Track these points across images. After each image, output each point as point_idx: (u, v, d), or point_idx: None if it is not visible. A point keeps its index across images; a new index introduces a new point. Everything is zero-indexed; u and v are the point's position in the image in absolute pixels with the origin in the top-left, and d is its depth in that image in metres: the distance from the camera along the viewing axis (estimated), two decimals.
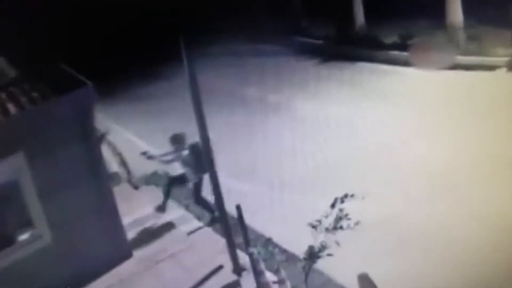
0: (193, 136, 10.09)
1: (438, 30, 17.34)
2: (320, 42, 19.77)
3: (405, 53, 17.16)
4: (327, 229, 8.65)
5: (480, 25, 17.12)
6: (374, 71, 16.83)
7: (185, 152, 10.75)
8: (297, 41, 20.43)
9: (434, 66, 15.78)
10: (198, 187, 10.93)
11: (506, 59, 15.40)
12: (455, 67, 15.79)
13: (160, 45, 17.64)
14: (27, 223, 9.51)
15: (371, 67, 17.14)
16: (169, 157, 10.99)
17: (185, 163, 10.80)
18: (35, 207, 9.42)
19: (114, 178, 12.36)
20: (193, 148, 10.63)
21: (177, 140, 10.87)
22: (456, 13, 16.97)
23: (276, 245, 9.61)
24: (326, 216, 8.70)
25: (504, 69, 15.25)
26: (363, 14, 19.40)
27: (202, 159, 9.86)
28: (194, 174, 10.81)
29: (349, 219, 8.60)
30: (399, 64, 16.83)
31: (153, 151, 11.69)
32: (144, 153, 11.17)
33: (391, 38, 18.26)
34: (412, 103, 14.12)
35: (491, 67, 15.38)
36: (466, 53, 16.25)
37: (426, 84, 15.27)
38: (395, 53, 17.42)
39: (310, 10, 20.82)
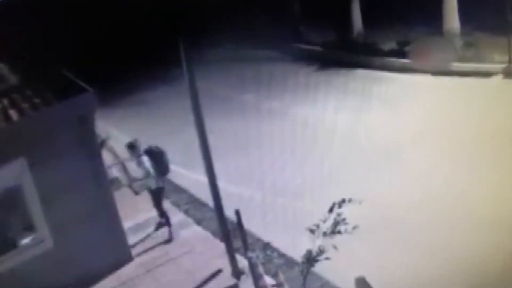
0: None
1: (435, 37, 17.54)
2: (318, 48, 19.94)
3: (402, 60, 17.37)
4: (325, 234, 8.72)
5: (476, 32, 17.27)
6: (372, 77, 16.98)
7: (144, 158, 10.79)
8: (296, 48, 20.60)
9: (434, 68, 16.01)
10: (159, 193, 11.03)
11: (502, 65, 15.62)
12: (452, 73, 15.98)
13: (160, 51, 17.76)
14: (29, 228, 9.62)
15: (369, 73, 17.30)
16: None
17: (144, 168, 10.81)
18: (37, 212, 9.53)
19: (114, 183, 12.47)
20: (149, 153, 10.77)
21: (131, 147, 10.89)
22: (453, 20, 17.14)
23: (274, 249, 9.69)
24: (324, 221, 8.79)
25: (500, 76, 15.45)
26: (361, 21, 19.60)
27: (160, 162, 10.01)
28: (155, 179, 10.85)
29: (346, 223, 8.60)
30: (396, 70, 17.01)
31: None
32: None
33: (388, 45, 18.44)
34: (410, 109, 14.27)
35: (487, 74, 15.56)
36: (462, 59, 16.44)
37: (424, 91, 15.43)
38: (393, 59, 17.59)
39: (308, 16, 20.98)
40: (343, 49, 19.04)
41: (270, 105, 16.14)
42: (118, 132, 15.84)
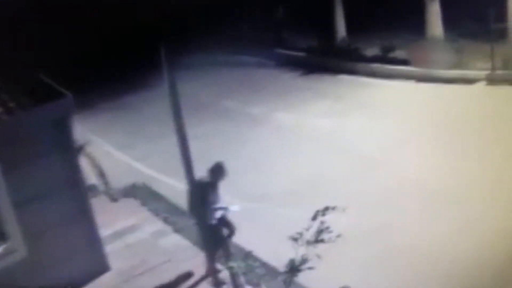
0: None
1: (419, 43, 17.56)
2: (301, 54, 19.84)
3: (386, 66, 17.34)
4: (308, 242, 8.59)
5: (460, 38, 17.31)
6: (356, 83, 16.96)
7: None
8: (279, 53, 20.48)
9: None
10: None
11: (486, 72, 15.67)
12: (436, 80, 15.99)
13: (140, 55, 17.58)
14: (1, 236, 9.30)
15: (352, 79, 17.27)
16: None
17: None
18: (10, 220, 9.22)
19: (92, 190, 12.19)
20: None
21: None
22: (436, 26, 17.16)
23: (256, 259, 9.49)
24: (307, 229, 8.69)
25: (483, 83, 15.49)
26: (344, 27, 19.54)
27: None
28: None
29: (330, 231, 8.31)
30: (380, 76, 16.99)
31: None
32: None
33: (372, 51, 18.43)
34: (394, 115, 14.21)
35: (471, 80, 15.60)
36: (445, 66, 16.44)
37: (408, 97, 15.40)
38: (377, 65, 17.57)
39: (292, 22, 20.91)
40: (326, 55, 18.97)
41: (253, 110, 15.98)
42: (97, 137, 15.59)
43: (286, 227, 8.80)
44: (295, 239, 8.55)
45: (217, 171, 8.96)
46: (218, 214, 9.01)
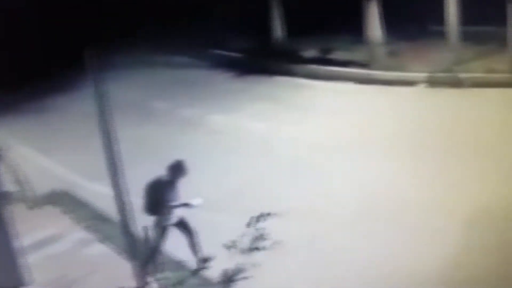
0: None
1: (358, 46, 17.75)
2: (238, 55, 19.71)
3: (325, 67, 17.43)
4: (243, 250, 8.46)
5: (399, 41, 17.61)
6: (294, 85, 16.96)
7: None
8: (214, 54, 20.28)
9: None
10: None
11: (426, 75, 15.95)
12: (375, 81, 16.17)
13: (63, 55, 17.07)
14: None
15: (290, 81, 17.25)
16: None
17: None
18: None
19: (8, 196, 11.62)
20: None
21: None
22: (375, 28, 17.37)
23: (188, 269, 9.26)
24: (242, 236, 8.49)
25: (423, 85, 15.77)
26: (283, 28, 19.54)
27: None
28: None
29: (266, 239, 8.43)
30: (319, 78, 17.04)
31: None
32: None
33: (311, 52, 18.48)
34: (333, 118, 14.24)
35: (410, 83, 15.84)
36: (385, 68, 16.68)
37: (347, 99, 15.47)
38: (315, 67, 17.63)
39: (228, 22, 20.76)
40: (264, 56, 18.90)
41: (186, 112, 15.71)
42: (18, 140, 14.97)
43: (220, 235, 8.76)
44: (229, 248, 8.45)
45: (177, 169, 8.78)
46: (178, 213, 8.82)
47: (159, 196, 8.67)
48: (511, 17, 15.59)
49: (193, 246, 9.06)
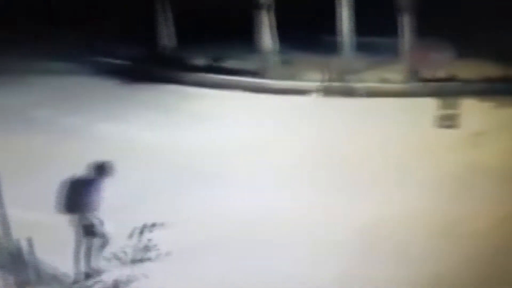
0: None
1: (250, 54, 17.86)
2: (125, 62, 19.12)
3: (216, 76, 17.39)
4: (133, 261, 8.23)
5: (292, 50, 17.85)
6: (184, 93, 16.73)
7: None
8: (98, 60, 19.59)
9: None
10: None
11: (319, 84, 16.29)
12: (268, 90, 16.31)
13: None
14: None
15: (180, 89, 17.02)
16: None
17: None
18: None
19: None
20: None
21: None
22: (267, 37, 17.51)
23: (64, 282, 8.64)
24: (132, 247, 8.28)
25: (318, 94, 16.08)
26: (173, 35, 19.25)
27: None
28: None
29: (152, 250, 8.42)
30: (210, 87, 16.94)
31: None
32: None
33: (201, 61, 18.38)
34: (226, 127, 14.18)
35: (305, 92, 16.12)
36: (278, 77, 16.90)
37: (239, 108, 15.45)
38: (206, 75, 17.54)
39: (113, 29, 20.23)
40: (151, 64, 18.51)
41: (68, 120, 15.00)
42: None
43: (110, 245, 8.52)
44: (118, 258, 8.14)
45: (102, 169, 8.71)
46: (97, 216, 8.69)
47: (78, 195, 8.54)
48: (402, 27, 16.26)
49: (97, 252, 8.67)
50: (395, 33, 16.47)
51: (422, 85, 16.07)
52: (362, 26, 16.59)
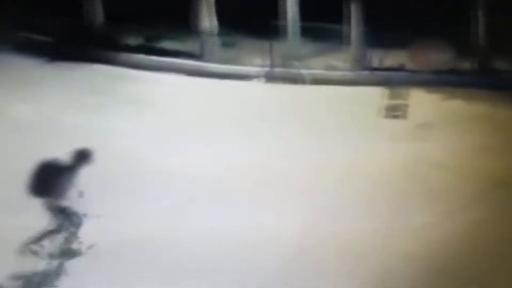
0: None
1: (189, 36, 17.29)
2: (48, 38, 18.17)
3: (152, 57, 16.73)
4: (51, 255, 7.97)
5: (236, 33, 17.39)
6: (116, 75, 15.94)
7: None
8: (18, 36, 18.53)
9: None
10: None
11: (264, 69, 15.95)
12: (209, 74, 15.81)
13: None
14: None
15: (112, 70, 16.20)
16: None
17: None
18: None
19: None
20: None
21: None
22: (208, 19, 17.00)
23: None
24: (51, 240, 8.07)
25: (261, 80, 15.75)
26: (100, 10, 18.36)
27: None
28: None
29: (80, 242, 8.18)
30: (145, 68, 16.25)
31: None
32: None
33: (135, 40, 17.70)
34: (159, 110, 13.66)
35: (247, 77, 15.77)
36: (220, 61, 16.41)
37: (178, 92, 14.94)
38: (141, 56, 16.84)
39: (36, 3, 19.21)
40: (80, 41, 17.59)
41: None
42: None
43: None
44: (34, 252, 7.71)
45: (81, 155, 8.57)
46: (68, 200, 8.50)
47: (53, 179, 8.40)
48: (353, 15, 16.07)
49: (70, 237, 8.45)
50: (344, 19, 16.27)
51: (369, 74, 15.95)
52: (309, 11, 16.28)
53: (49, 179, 8.36)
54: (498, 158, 11.56)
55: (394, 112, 13.91)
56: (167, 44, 17.39)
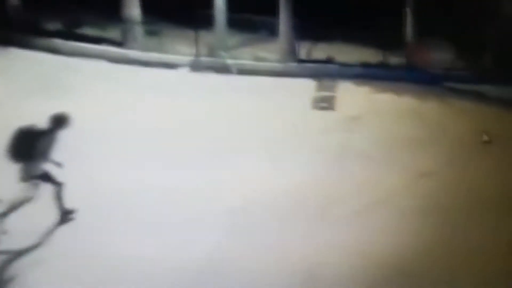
0: None
1: (112, 22, 16.79)
2: None
3: (71, 42, 16.13)
4: None
5: (161, 21, 16.99)
6: (36, 60, 15.27)
7: None
8: None
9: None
10: None
11: (189, 58, 15.58)
12: (132, 62, 15.38)
13: None
14: None
15: (30, 55, 15.51)
16: None
17: None
18: None
19: None
20: None
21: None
22: (132, 6, 16.52)
23: None
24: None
25: (186, 69, 15.38)
26: None
27: None
28: None
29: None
30: (65, 54, 15.65)
31: None
32: None
33: (54, 25, 17.05)
34: (79, 97, 13.00)
35: (172, 65, 15.38)
36: (144, 48, 16.00)
37: (96, 78, 14.36)
38: (61, 41, 16.15)
39: None
40: None
41: None
42: None
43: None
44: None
45: (58, 120, 8.60)
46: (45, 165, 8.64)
47: (30, 144, 8.47)
48: (282, 6, 15.88)
49: (58, 198, 8.78)
50: (273, 11, 16.03)
51: (298, 66, 15.81)
52: (238, 2, 15.95)
53: (27, 145, 8.41)
54: (424, 150, 11.57)
55: (322, 103, 13.78)
56: (90, 31, 16.83)
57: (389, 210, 9.55)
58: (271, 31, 16.40)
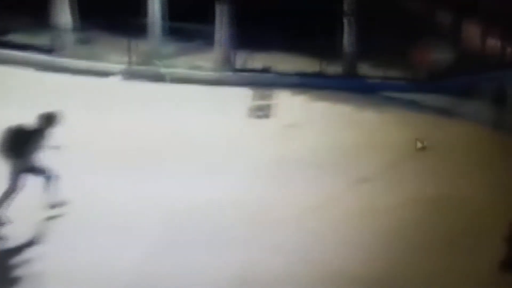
0: None
1: (43, 29, 16.43)
2: None
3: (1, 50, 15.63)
4: None
5: (94, 29, 16.82)
6: None
7: None
8: None
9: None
10: None
11: (122, 66, 15.41)
12: (62, 70, 15.00)
13: None
14: None
15: None
16: None
17: None
18: None
19: None
20: None
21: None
22: (62, 14, 16.25)
23: None
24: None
25: (119, 77, 15.16)
26: None
27: None
28: None
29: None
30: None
31: None
32: None
33: None
34: (5, 102, 12.51)
35: (104, 73, 15.12)
36: (75, 56, 15.70)
37: (25, 85, 13.85)
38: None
39: None
40: None
41: None
42: None
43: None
44: None
45: (48, 119, 8.72)
46: (35, 160, 8.75)
47: (21, 141, 8.59)
48: (219, 16, 15.90)
49: (50, 189, 8.81)
50: (210, 20, 16.08)
51: (234, 75, 15.81)
52: (176, 11, 16.00)
53: (18, 142, 8.52)
54: (361, 156, 11.60)
55: (259, 112, 13.76)
56: (19, 38, 16.39)
57: (329, 214, 9.48)
58: (208, 40, 16.35)
